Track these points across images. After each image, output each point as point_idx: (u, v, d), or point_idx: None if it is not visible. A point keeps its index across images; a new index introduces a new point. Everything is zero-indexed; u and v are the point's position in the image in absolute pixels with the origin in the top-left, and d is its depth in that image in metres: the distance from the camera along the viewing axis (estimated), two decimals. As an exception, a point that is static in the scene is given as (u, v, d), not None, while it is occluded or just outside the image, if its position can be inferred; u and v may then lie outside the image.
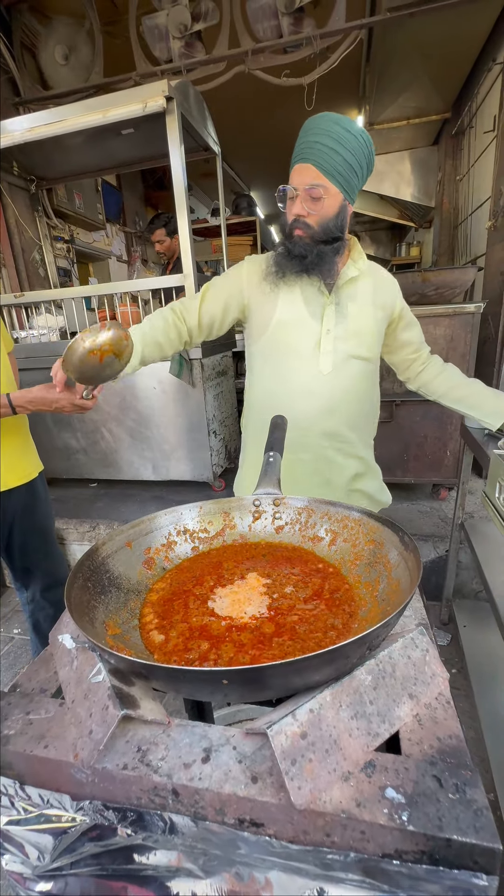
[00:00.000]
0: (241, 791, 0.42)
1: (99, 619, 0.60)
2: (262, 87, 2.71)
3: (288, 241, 1.04)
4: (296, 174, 0.98)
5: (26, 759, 0.49)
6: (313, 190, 0.96)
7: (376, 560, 0.66)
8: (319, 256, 1.03)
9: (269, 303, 1.11)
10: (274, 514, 0.84)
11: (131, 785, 0.45)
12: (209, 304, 1.15)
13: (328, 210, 0.99)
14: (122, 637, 0.59)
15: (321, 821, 0.41)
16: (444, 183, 3.74)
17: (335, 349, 1.09)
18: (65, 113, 2.25)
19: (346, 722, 0.45)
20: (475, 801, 0.40)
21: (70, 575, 0.60)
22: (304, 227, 1.00)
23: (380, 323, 1.13)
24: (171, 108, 2.11)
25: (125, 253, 4.92)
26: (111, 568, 0.69)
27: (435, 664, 0.54)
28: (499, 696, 1.56)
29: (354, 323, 1.09)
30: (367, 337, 1.11)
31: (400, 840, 0.39)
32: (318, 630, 0.58)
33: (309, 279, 1.07)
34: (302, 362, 1.11)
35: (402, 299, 1.18)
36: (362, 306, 1.10)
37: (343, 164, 0.95)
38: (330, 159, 0.94)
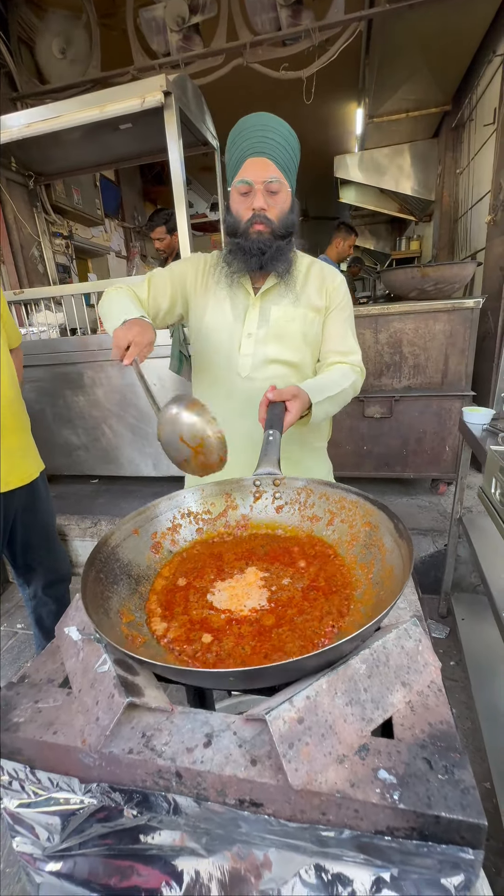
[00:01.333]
0: (241, 773, 0.45)
1: (114, 608, 0.62)
2: (260, 80, 2.70)
3: (243, 237, 1.00)
4: (250, 168, 0.94)
5: (36, 744, 0.51)
6: (272, 184, 0.94)
7: (371, 542, 0.69)
8: (278, 251, 1.01)
9: (201, 305, 1.12)
10: (274, 493, 0.86)
11: (137, 768, 0.48)
12: (157, 295, 1.11)
13: (285, 204, 0.99)
14: (135, 624, 0.62)
15: (317, 800, 0.43)
16: (444, 176, 3.72)
17: (254, 352, 1.07)
18: (62, 108, 2.25)
19: (341, 708, 0.47)
20: (463, 780, 0.42)
21: (84, 569, 0.62)
22: (264, 221, 0.97)
23: (311, 324, 1.08)
24: (169, 102, 2.11)
25: (124, 248, 4.92)
26: (121, 556, 0.72)
27: (427, 654, 0.56)
28: (496, 687, 1.59)
29: (277, 326, 1.06)
30: (291, 340, 1.07)
31: (391, 817, 0.41)
32: (314, 619, 0.61)
33: (239, 281, 1.07)
34: (222, 365, 1.10)
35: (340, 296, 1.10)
36: (288, 307, 1.06)
37: (291, 161, 0.97)
38: (283, 154, 0.94)
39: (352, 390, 1.05)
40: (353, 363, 1.09)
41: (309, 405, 0.93)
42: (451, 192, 3.70)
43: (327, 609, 0.62)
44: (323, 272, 1.10)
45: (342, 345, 1.10)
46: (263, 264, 1.01)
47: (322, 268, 1.11)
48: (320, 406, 0.94)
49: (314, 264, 1.12)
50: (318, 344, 1.11)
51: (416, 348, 2.34)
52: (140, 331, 0.88)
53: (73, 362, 2.67)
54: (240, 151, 0.95)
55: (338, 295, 1.09)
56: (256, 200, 0.96)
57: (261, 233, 0.98)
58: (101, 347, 2.60)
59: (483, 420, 1.66)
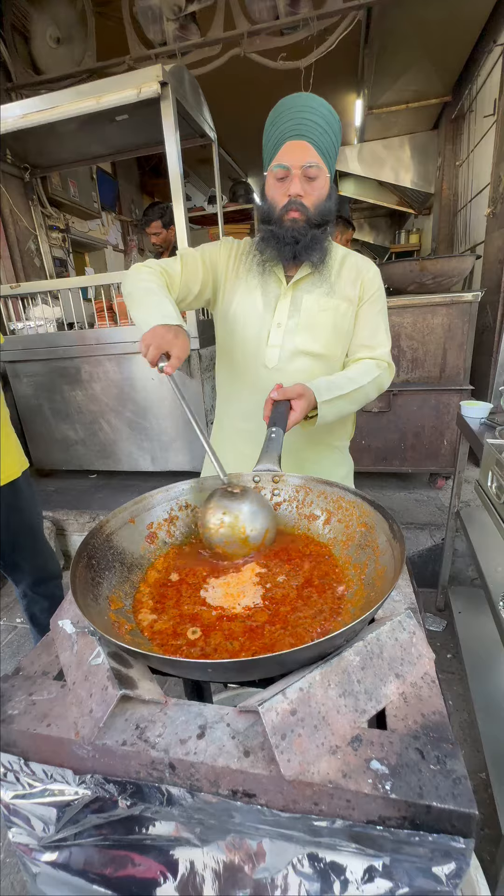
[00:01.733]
0: (234, 764, 0.45)
1: (103, 594, 0.63)
2: (258, 70, 2.67)
3: (277, 225, 0.96)
4: (288, 152, 0.90)
5: (30, 736, 0.51)
6: (310, 169, 0.90)
7: (366, 543, 0.69)
8: (313, 240, 0.97)
9: (231, 292, 1.09)
10: (273, 490, 0.86)
11: (130, 760, 0.48)
12: (189, 278, 1.06)
13: (322, 191, 0.94)
14: (124, 611, 0.62)
15: (309, 790, 0.43)
16: (443, 168, 3.69)
17: (283, 343, 1.04)
18: (58, 99, 2.21)
19: (334, 700, 0.47)
20: (454, 771, 0.43)
21: (75, 555, 0.63)
22: (300, 208, 0.93)
23: (343, 316, 1.04)
24: (165, 93, 2.08)
25: (121, 242, 4.88)
26: (115, 544, 0.72)
27: (421, 645, 0.56)
28: (492, 679, 1.60)
29: (308, 316, 1.03)
30: (322, 331, 1.03)
31: (383, 807, 0.41)
32: (307, 616, 0.60)
33: (271, 269, 1.04)
34: (248, 355, 1.07)
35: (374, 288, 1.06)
36: (321, 298, 1.03)
37: (331, 146, 0.93)
38: (323, 138, 0.90)
39: (373, 387, 1.01)
40: (379, 358, 1.04)
41: (316, 404, 0.89)
42: (450, 184, 3.67)
43: (320, 608, 0.62)
44: (358, 263, 1.06)
45: (371, 339, 1.06)
46: (297, 253, 0.97)
47: (357, 258, 1.07)
48: (330, 405, 0.91)
49: (349, 255, 1.08)
50: (349, 337, 1.07)
51: (415, 342, 2.33)
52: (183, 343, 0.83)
53: (71, 357, 2.66)
54: (278, 134, 0.91)
55: (372, 286, 1.05)
56: (293, 186, 0.92)
57: (295, 220, 0.95)
58: (98, 342, 2.58)
59: (481, 414, 1.66)
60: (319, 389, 0.90)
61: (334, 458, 1.18)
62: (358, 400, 0.98)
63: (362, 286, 1.04)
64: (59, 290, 2.71)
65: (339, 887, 0.45)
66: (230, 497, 0.76)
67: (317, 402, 0.89)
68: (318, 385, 0.91)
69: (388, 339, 1.07)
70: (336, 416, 0.94)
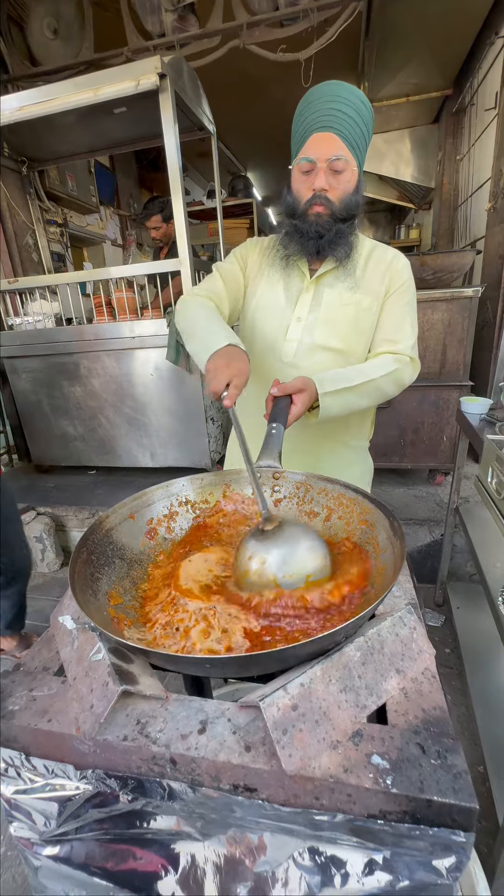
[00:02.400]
0: (236, 759, 0.45)
1: (102, 590, 0.63)
2: (257, 62, 2.64)
3: (301, 219, 0.94)
4: (315, 144, 0.88)
5: (31, 732, 0.51)
6: (336, 162, 0.88)
7: (367, 541, 0.68)
8: (338, 235, 0.94)
9: (253, 288, 1.08)
10: (273, 486, 0.85)
11: (131, 755, 0.48)
12: (232, 287, 1.07)
13: (349, 184, 0.92)
14: (123, 607, 0.62)
15: (310, 785, 0.43)
16: (444, 163, 3.67)
17: (301, 338, 1.02)
18: (55, 91, 2.19)
19: (335, 695, 0.48)
20: (455, 765, 0.43)
21: (75, 551, 0.63)
22: (325, 202, 0.91)
23: (366, 311, 1.00)
24: (164, 85, 2.06)
25: (120, 237, 4.85)
26: (115, 539, 0.72)
27: (422, 641, 0.56)
28: (489, 674, 1.61)
29: (328, 311, 1.00)
30: (342, 327, 1.00)
31: (384, 801, 0.42)
32: None
33: (295, 264, 1.02)
34: (266, 349, 1.06)
35: (402, 280, 1.01)
36: (344, 292, 1.00)
37: (361, 137, 0.90)
38: (352, 129, 0.87)
39: (389, 382, 0.96)
40: (400, 352, 0.99)
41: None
42: (451, 178, 3.65)
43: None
44: (386, 255, 1.03)
45: (395, 332, 1.01)
46: (321, 248, 0.95)
47: (385, 251, 1.04)
48: (334, 397, 0.87)
49: (377, 248, 1.04)
50: (371, 333, 1.03)
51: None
52: (238, 368, 0.79)
53: (69, 352, 2.65)
54: (305, 125, 0.89)
55: (399, 278, 1.01)
56: (318, 180, 0.90)
57: (320, 215, 0.93)
58: (97, 337, 2.57)
59: (480, 410, 1.66)
60: (323, 381, 0.87)
61: (349, 457, 1.16)
62: (369, 394, 0.94)
63: (389, 279, 1.01)
64: (57, 285, 2.69)
65: (339, 880, 0.46)
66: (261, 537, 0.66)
67: (318, 393, 0.86)
68: (323, 377, 0.89)
69: (414, 333, 1.02)
70: (343, 409, 0.90)
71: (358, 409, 0.95)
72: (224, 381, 0.78)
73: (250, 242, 1.12)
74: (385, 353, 1.00)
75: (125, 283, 2.57)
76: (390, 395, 0.99)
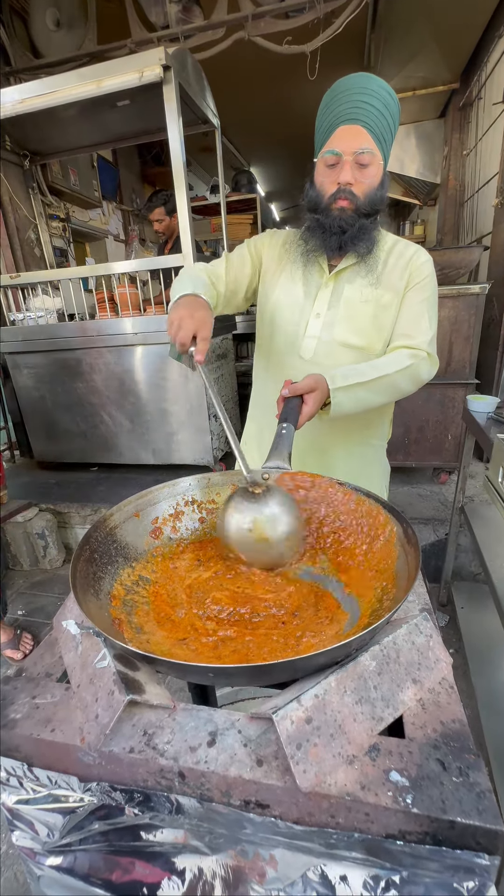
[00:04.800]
0: (247, 774, 0.43)
1: (104, 590, 0.61)
2: (262, 55, 2.60)
3: (324, 214, 0.92)
4: (342, 137, 0.86)
5: (34, 742, 0.49)
6: (363, 156, 0.86)
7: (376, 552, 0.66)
8: (361, 231, 0.92)
9: (272, 282, 1.06)
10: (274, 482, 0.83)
11: (138, 768, 0.46)
12: (237, 274, 1.05)
13: (374, 179, 0.90)
14: (126, 607, 0.60)
15: (326, 803, 0.41)
16: (450, 158, 3.62)
17: (320, 335, 1.00)
18: (57, 83, 2.16)
19: (350, 707, 0.46)
20: (478, 783, 0.41)
21: (77, 549, 0.61)
22: (349, 196, 0.89)
23: (385, 308, 0.98)
24: (168, 77, 2.03)
25: (122, 232, 4.81)
26: (119, 538, 0.70)
27: (438, 649, 0.54)
28: (495, 674, 1.60)
29: (348, 308, 0.99)
30: (362, 323, 0.98)
31: (404, 821, 0.40)
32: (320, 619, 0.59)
33: (316, 259, 1.00)
34: (285, 345, 1.04)
35: (423, 276, 0.98)
36: (364, 288, 0.98)
37: (388, 131, 0.87)
38: (379, 122, 0.85)
39: (405, 378, 0.93)
40: (417, 347, 0.96)
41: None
42: (457, 174, 3.61)
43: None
44: (408, 251, 1.00)
45: (412, 327, 0.98)
46: (343, 244, 0.93)
47: (407, 246, 1.01)
48: (347, 393, 0.85)
49: (398, 243, 1.02)
50: (390, 330, 1.01)
51: (421, 335, 2.29)
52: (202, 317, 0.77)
53: (72, 348, 2.63)
54: (332, 117, 0.87)
55: (420, 273, 0.98)
56: (343, 174, 0.87)
57: (343, 209, 0.90)
58: (99, 333, 2.55)
59: (488, 408, 1.64)
60: (335, 376, 0.85)
61: (367, 457, 1.13)
62: (384, 390, 0.91)
63: (410, 274, 0.98)
64: (59, 281, 2.67)
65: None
66: (251, 498, 0.70)
67: (329, 389, 0.84)
68: (335, 372, 0.86)
69: (432, 328, 0.99)
70: (356, 405, 0.88)
71: (372, 405, 0.92)
72: (190, 332, 0.75)
73: (267, 234, 1.09)
74: (401, 347, 0.97)
75: (128, 278, 2.54)
76: (406, 391, 0.97)
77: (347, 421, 0.97)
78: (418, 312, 0.98)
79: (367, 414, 0.98)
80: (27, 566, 2.51)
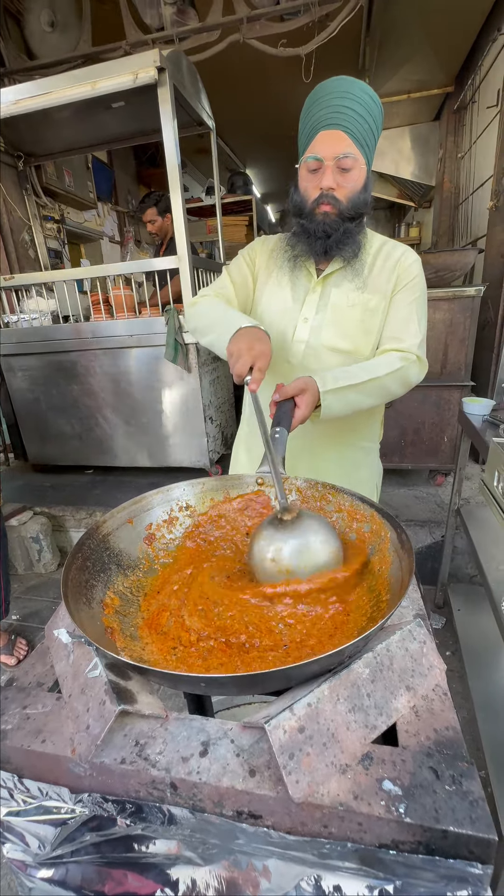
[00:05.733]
0: (240, 784, 0.43)
1: (97, 598, 0.61)
2: (257, 57, 2.60)
3: (308, 219, 0.93)
4: (322, 142, 0.86)
5: (24, 753, 0.49)
6: (344, 160, 0.86)
7: (374, 552, 0.66)
8: (346, 234, 0.92)
9: (261, 288, 1.07)
10: (276, 494, 0.83)
11: (129, 779, 0.45)
12: (240, 286, 1.06)
13: (357, 183, 0.90)
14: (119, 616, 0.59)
15: (319, 813, 0.41)
16: (444, 160, 3.64)
17: (309, 339, 1.00)
18: (52, 84, 2.15)
19: (343, 715, 0.45)
20: (471, 792, 0.41)
21: (69, 557, 0.61)
22: (332, 201, 0.90)
23: (373, 312, 0.98)
24: (163, 79, 2.03)
25: (118, 233, 4.80)
26: (112, 545, 0.70)
27: (432, 656, 0.54)
28: (491, 677, 1.60)
29: (335, 312, 0.99)
30: (350, 327, 0.98)
31: (397, 831, 0.39)
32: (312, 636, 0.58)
33: (303, 264, 1.01)
34: (275, 351, 1.01)
35: (410, 277, 0.98)
36: (351, 292, 0.98)
37: (370, 134, 0.88)
38: (360, 126, 0.85)
39: (395, 381, 0.93)
40: (406, 350, 0.96)
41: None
42: (451, 176, 3.62)
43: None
44: (395, 252, 1.00)
45: (400, 330, 0.98)
46: (328, 248, 0.94)
47: (394, 248, 1.01)
48: (337, 395, 0.85)
49: (386, 244, 1.01)
50: (379, 333, 1.01)
51: (416, 337, 2.30)
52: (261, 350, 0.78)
53: (66, 350, 2.61)
54: (313, 122, 0.87)
55: (407, 275, 0.98)
56: (325, 179, 0.88)
57: (327, 214, 0.91)
58: (94, 335, 2.54)
59: (483, 411, 1.64)
60: (325, 378, 0.85)
61: (357, 460, 1.14)
62: (374, 393, 0.92)
63: (397, 276, 0.98)
64: (54, 283, 2.66)
65: (348, 910, 0.43)
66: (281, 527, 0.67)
67: (319, 392, 0.84)
68: (325, 374, 0.86)
69: (422, 331, 0.99)
70: (346, 408, 0.88)
71: (362, 408, 0.92)
72: (247, 363, 0.77)
73: (258, 242, 1.10)
74: (391, 350, 0.98)
75: (123, 280, 2.53)
76: (396, 394, 0.97)
77: (338, 423, 0.98)
78: (407, 315, 0.98)
79: (358, 416, 0.98)
80: (22, 570, 2.50)
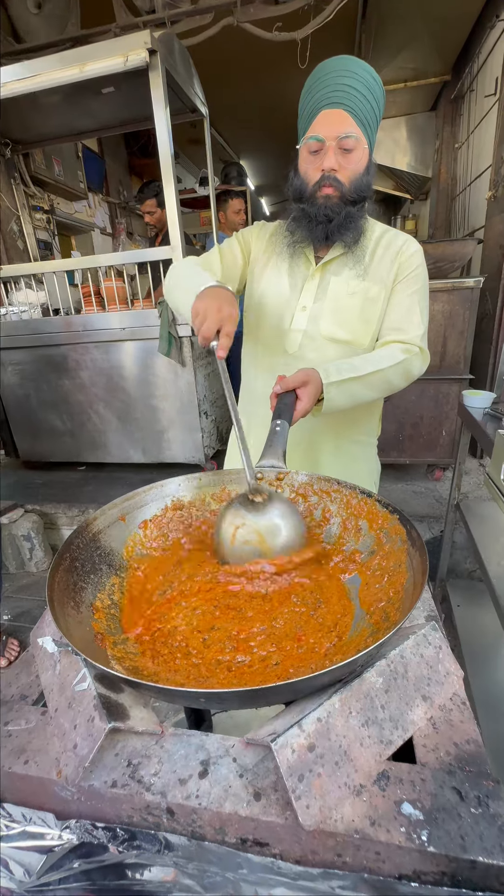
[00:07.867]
0: (243, 810, 0.39)
1: (86, 601, 0.57)
2: (252, 42, 2.53)
3: (309, 203, 0.89)
4: (324, 122, 0.82)
5: (5, 775, 0.44)
6: (347, 140, 0.82)
7: (376, 548, 0.62)
8: (347, 219, 0.89)
9: (259, 274, 1.03)
10: (277, 489, 0.78)
11: (121, 803, 0.41)
12: (229, 264, 1.02)
13: (359, 164, 0.86)
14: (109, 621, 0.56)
15: (332, 841, 0.37)
16: (441, 151, 3.59)
17: (307, 328, 0.97)
18: (39, 67, 2.07)
19: (356, 730, 0.41)
20: (500, 815, 0.37)
21: (55, 557, 0.56)
22: (334, 183, 0.86)
23: (373, 301, 0.95)
24: (154, 62, 1.95)
25: (109, 225, 4.71)
26: (103, 544, 0.65)
27: (448, 661, 0.50)
28: (491, 673, 1.58)
29: (335, 300, 0.95)
30: (349, 316, 0.95)
31: (419, 861, 0.36)
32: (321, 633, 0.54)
33: (302, 250, 0.97)
34: (271, 339, 1.01)
35: (412, 267, 0.95)
36: (351, 280, 0.94)
37: (372, 115, 0.84)
38: (363, 106, 0.81)
39: (397, 373, 0.90)
40: (409, 342, 0.93)
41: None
42: (448, 167, 3.58)
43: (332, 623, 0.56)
44: (396, 241, 0.97)
45: (403, 321, 0.95)
46: (329, 233, 0.90)
47: (396, 236, 0.98)
48: (340, 388, 0.82)
49: (387, 233, 0.98)
50: (378, 323, 0.98)
51: (414, 330, 2.26)
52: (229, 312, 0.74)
53: (57, 344, 2.55)
54: (314, 102, 0.83)
55: (409, 265, 0.95)
56: (327, 160, 0.84)
57: (329, 197, 0.87)
58: (85, 328, 2.47)
59: (484, 404, 1.61)
60: (328, 371, 0.81)
61: (355, 454, 1.10)
62: (377, 386, 0.88)
63: (398, 266, 0.95)
64: (43, 274, 2.58)
65: (362, 943, 0.40)
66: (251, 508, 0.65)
67: (322, 384, 0.80)
68: (328, 366, 0.82)
69: (424, 323, 0.96)
70: (348, 401, 0.85)
71: (364, 401, 0.89)
72: (214, 325, 0.72)
73: (257, 226, 1.06)
74: (393, 342, 0.94)
75: (114, 272, 2.47)
76: (398, 387, 0.93)
77: (336, 417, 0.95)
78: (409, 306, 0.95)
79: (356, 410, 0.95)
80: (13, 569, 2.44)
